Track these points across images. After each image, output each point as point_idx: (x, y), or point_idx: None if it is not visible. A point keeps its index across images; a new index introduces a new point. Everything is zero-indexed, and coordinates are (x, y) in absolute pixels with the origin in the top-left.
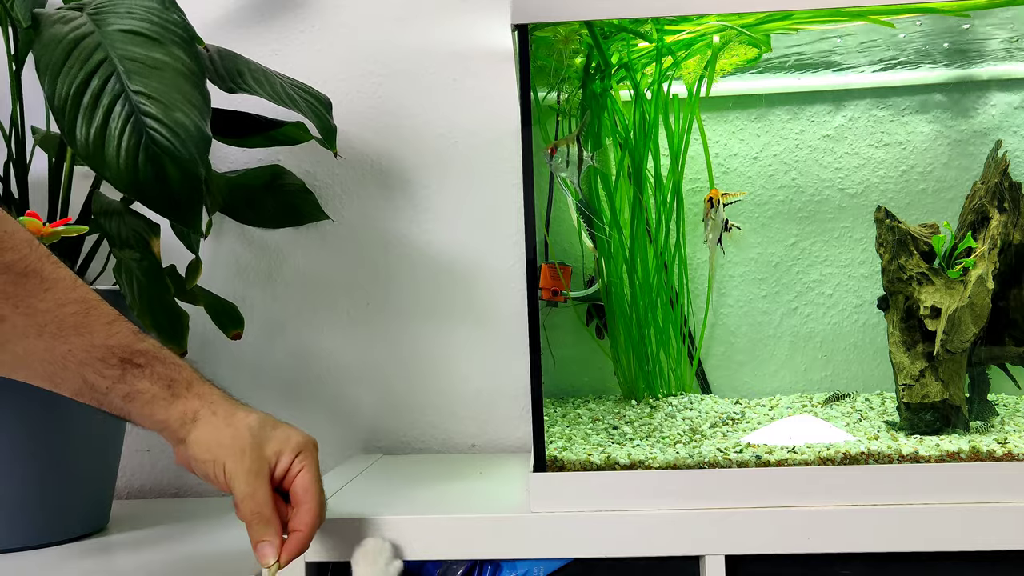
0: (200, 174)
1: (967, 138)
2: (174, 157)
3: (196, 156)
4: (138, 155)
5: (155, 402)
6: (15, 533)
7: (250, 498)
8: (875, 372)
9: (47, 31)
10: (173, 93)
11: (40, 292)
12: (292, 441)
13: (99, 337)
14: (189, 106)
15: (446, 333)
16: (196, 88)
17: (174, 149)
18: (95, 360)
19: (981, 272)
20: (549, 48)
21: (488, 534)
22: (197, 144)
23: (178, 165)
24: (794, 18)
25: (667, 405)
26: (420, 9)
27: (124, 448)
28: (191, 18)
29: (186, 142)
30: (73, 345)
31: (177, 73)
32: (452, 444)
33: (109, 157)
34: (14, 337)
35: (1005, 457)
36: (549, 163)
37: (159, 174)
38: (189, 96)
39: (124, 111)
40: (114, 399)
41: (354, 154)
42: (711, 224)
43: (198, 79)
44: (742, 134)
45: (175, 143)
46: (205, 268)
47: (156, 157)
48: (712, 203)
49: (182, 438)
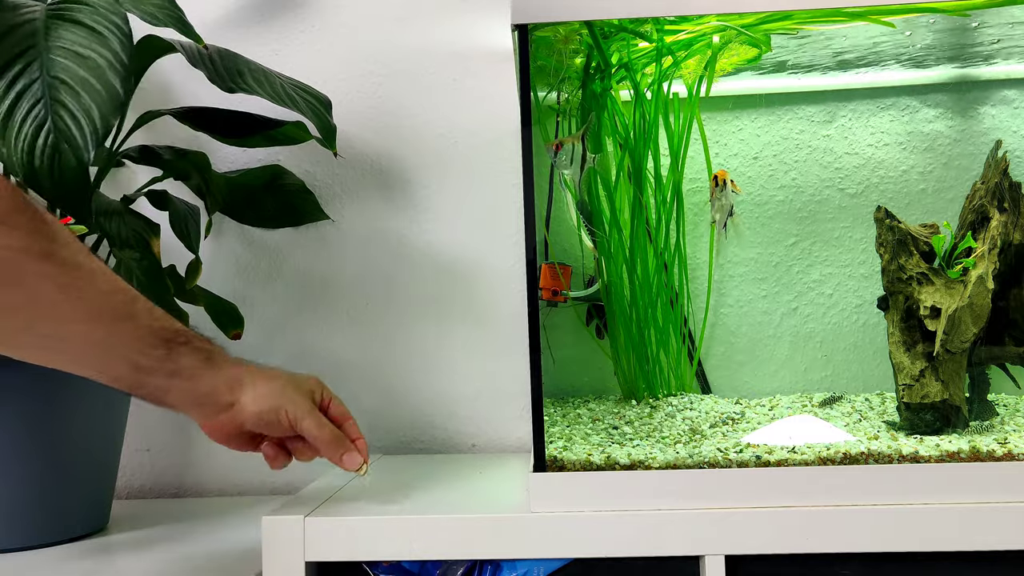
0: (84, 159)
1: (967, 138)
2: (70, 141)
3: (87, 141)
4: (37, 139)
5: (200, 375)
6: (15, 533)
7: (321, 427)
8: (875, 372)
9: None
10: (93, 82)
11: (91, 283)
12: (312, 381)
13: (144, 320)
14: (102, 95)
15: (446, 333)
16: (119, 79)
17: (70, 133)
18: (143, 343)
19: (981, 272)
20: (549, 48)
21: (488, 534)
22: (93, 131)
23: (73, 150)
24: (794, 18)
25: (667, 405)
26: (420, 9)
27: (124, 448)
28: (191, 18)
29: (83, 127)
30: (123, 330)
31: (105, 63)
32: (452, 444)
33: (8, 138)
34: (71, 325)
35: (1005, 457)
36: (553, 159)
37: (55, 159)
38: (107, 87)
39: (35, 94)
40: (158, 379)
41: (354, 154)
42: (717, 205)
43: (125, 71)
44: (742, 134)
45: (72, 127)
46: (205, 268)
47: (55, 143)
48: (717, 182)
49: (231, 402)
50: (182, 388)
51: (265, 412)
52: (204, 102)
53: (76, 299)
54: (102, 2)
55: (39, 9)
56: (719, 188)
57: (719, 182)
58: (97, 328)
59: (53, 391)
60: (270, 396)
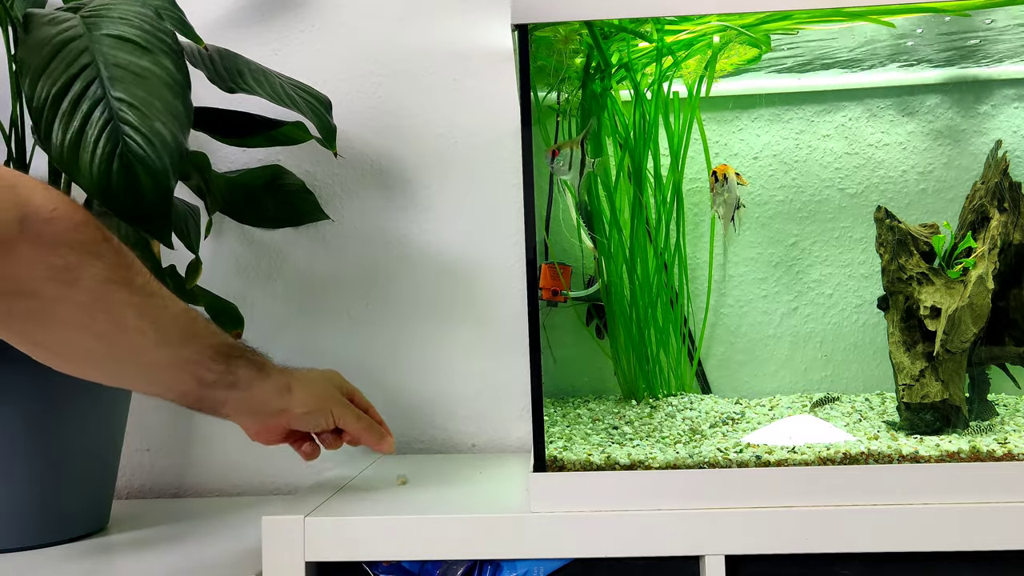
0: (171, 186)
1: (967, 138)
2: (147, 167)
3: (169, 167)
4: (112, 163)
5: (254, 385)
6: (15, 533)
7: (359, 419)
8: (875, 372)
9: (36, 32)
10: (155, 102)
11: (164, 308)
12: (338, 376)
13: (206, 339)
14: (169, 116)
15: (446, 333)
16: (179, 99)
17: (148, 158)
18: (207, 359)
19: (981, 272)
20: (549, 48)
21: (488, 534)
22: (171, 155)
23: (151, 175)
24: (794, 18)
25: (667, 405)
26: (420, 9)
27: (124, 448)
28: (191, 18)
29: (160, 152)
30: (190, 349)
31: (162, 83)
32: (452, 444)
33: (83, 163)
34: (148, 349)
35: (1005, 457)
36: (551, 165)
37: (131, 183)
38: (170, 107)
39: (103, 117)
40: (218, 391)
41: (354, 154)
42: (719, 200)
43: (183, 90)
44: (742, 134)
45: (149, 152)
46: (205, 268)
47: (130, 165)
48: (717, 178)
49: (282, 408)
50: (239, 399)
51: (314, 413)
52: (204, 102)
53: (152, 324)
54: (134, 13)
55: (78, 23)
56: (719, 183)
57: (719, 177)
58: (170, 350)
59: (53, 391)
60: (316, 399)
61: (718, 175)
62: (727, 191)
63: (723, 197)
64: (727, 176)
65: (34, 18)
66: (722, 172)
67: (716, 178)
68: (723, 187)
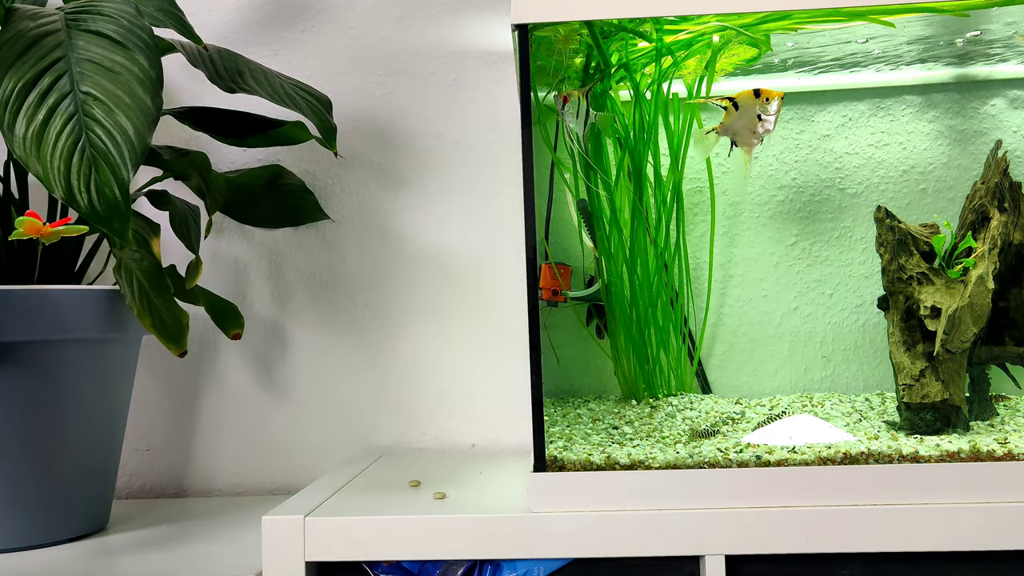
0: (125, 179)
1: (967, 138)
2: (108, 161)
3: (127, 161)
4: (73, 156)
5: None
6: (15, 533)
7: None
8: (875, 372)
9: (14, 25)
10: (123, 97)
11: None
12: None
13: None
14: (136, 112)
15: (446, 333)
16: (148, 94)
17: (108, 153)
18: None
19: (981, 272)
20: (549, 48)
21: (488, 534)
22: (131, 150)
23: (111, 169)
24: (794, 18)
25: (667, 405)
26: (420, 9)
27: (124, 448)
28: (191, 18)
29: (122, 147)
30: None
31: (133, 78)
32: (452, 444)
33: (44, 156)
34: None
35: (1005, 457)
36: (560, 111)
37: (92, 177)
38: (139, 102)
39: (67, 110)
40: None
41: (354, 154)
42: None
43: (154, 86)
44: None
45: (110, 146)
46: (205, 268)
47: (92, 160)
48: (736, 105)
49: None
50: None
51: None
52: (204, 102)
53: None
54: (119, 11)
55: (58, 19)
56: (762, 102)
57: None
58: None
59: (53, 391)
60: None
61: (760, 94)
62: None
63: (744, 122)
64: (768, 97)
65: (16, 12)
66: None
67: (736, 106)
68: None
